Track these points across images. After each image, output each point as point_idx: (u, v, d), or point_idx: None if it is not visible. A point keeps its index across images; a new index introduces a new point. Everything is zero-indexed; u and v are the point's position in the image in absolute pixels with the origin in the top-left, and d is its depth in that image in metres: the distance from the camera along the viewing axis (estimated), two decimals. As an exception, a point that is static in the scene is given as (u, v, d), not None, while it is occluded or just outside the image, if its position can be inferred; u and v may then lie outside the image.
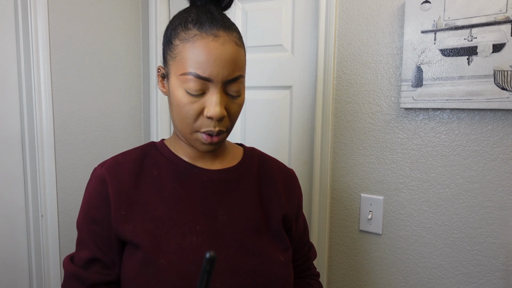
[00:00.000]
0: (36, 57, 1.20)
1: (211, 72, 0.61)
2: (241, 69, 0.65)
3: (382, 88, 1.13)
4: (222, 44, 0.62)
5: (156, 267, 0.61)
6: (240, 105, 0.67)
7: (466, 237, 1.04)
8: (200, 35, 0.62)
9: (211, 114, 0.62)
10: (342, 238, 1.22)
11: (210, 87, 0.63)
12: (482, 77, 0.95)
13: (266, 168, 0.78)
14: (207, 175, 0.71)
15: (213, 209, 0.68)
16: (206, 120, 0.64)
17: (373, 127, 1.15)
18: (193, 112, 0.63)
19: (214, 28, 0.63)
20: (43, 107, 1.23)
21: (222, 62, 0.62)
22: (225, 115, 0.64)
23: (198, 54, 0.61)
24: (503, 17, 0.92)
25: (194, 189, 0.69)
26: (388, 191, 1.14)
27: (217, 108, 0.62)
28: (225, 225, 0.67)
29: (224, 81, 0.63)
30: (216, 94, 0.62)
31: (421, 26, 1.02)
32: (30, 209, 1.25)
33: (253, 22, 1.36)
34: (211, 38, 0.62)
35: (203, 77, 0.61)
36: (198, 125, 0.64)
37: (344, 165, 1.20)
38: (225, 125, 0.66)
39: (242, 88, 0.67)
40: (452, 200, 1.05)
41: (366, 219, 1.17)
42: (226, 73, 0.62)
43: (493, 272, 1.01)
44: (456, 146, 1.03)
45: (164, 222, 0.65)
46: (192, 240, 0.64)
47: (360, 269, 1.20)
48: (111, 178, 0.67)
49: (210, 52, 0.61)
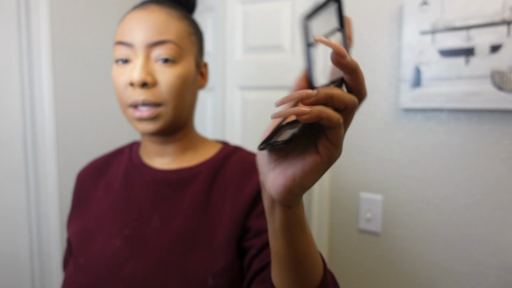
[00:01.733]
0: (38, 57, 1.21)
1: (131, 36, 0.59)
2: (173, 36, 0.60)
3: (380, 89, 1.14)
4: (148, 12, 0.60)
5: (76, 266, 0.60)
6: (176, 75, 0.59)
7: (464, 236, 1.05)
8: (132, 11, 0.61)
9: (131, 79, 0.57)
10: (341, 237, 1.23)
11: (134, 54, 0.59)
12: (479, 77, 0.96)
13: (228, 169, 0.65)
14: (152, 175, 0.65)
15: (148, 213, 0.62)
16: (131, 90, 0.59)
17: (372, 127, 1.16)
18: (121, 83, 0.60)
19: (148, 3, 0.62)
20: (45, 107, 1.23)
21: (145, 26, 0.59)
22: (148, 81, 0.58)
23: (125, 24, 0.60)
24: (500, 18, 0.92)
25: (135, 189, 0.64)
26: (387, 190, 1.15)
27: (135, 71, 0.57)
28: (155, 232, 0.60)
29: (146, 44, 0.59)
30: (138, 59, 0.59)
31: (419, 27, 1.02)
32: (32, 209, 1.26)
33: (253, 22, 1.37)
34: (140, 9, 0.61)
35: (123, 42, 0.59)
36: (126, 97, 0.60)
37: (343, 164, 1.21)
38: (156, 96, 0.59)
39: (178, 57, 0.60)
40: (450, 200, 1.06)
41: (365, 218, 1.18)
42: (149, 36, 0.58)
43: (491, 271, 1.02)
44: (454, 146, 1.04)
45: (99, 221, 0.64)
46: (115, 243, 0.60)
47: (359, 268, 1.21)
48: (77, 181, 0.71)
49: (132, 18, 0.60)
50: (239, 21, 1.40)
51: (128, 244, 0.60)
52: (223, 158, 0.67)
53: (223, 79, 1.45)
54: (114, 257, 0.59)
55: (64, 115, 1.31)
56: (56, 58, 1.28)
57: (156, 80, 0.59)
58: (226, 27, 1.42)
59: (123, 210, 0.63)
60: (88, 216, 0.65)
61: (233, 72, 1.42)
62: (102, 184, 0.68)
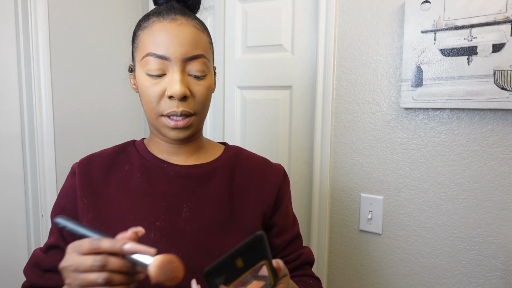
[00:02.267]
0: (36, 56, 1.20)
1: (167, 50, 0.62)
2: (203, 50, 0.65)
3: (382, 88, 1.13)
4: (179, 25, 0.63)
5: None
6: (206, 87, 0.66)
7: (466, 236, 1.04)
8: (158, 21, 0.64)
9: (172, 92, 0.62)
10: (342, 238, 1.22)
11: (170, 67, 0.63)
12: (482, 77, 0.95)
13: (243, 165, 0.74)
14: (175, 170, 0.69)
15: (177, 205, 0.66)
16: (168, 101, 0.63)
17: (373, 127, 1.15)
18: (155, 95, 0.63)
19: (171, 14, 0.65)
20: (43, 107, 1.23)
21: (179, 41, 0.62)
22: (187, 94, 0.63)
23: (155, 35, 0.63)
24: (503, 17, 0.92)
25: (160, 185, 0.68)
26: (388, 191, 1.14)
27: (176, 85, 0.61)
28: (187, 223, 0.65)
29: (182, 59, 0.63)
30: (176, 73, 0.62)
31: (421, 26, 1.02)
32: (30, 208, 1.25)
33: (253, 22, 1.36)
34: (168, 21, 0.63)
35: (159, 55, 0.62)
36: (162, 108, 0.64)
37: (344, 165, 1.20)
38: (191, 107, 0.64)
39: (207, 70, 0.66)
40: (452, 200, 1.05)
41: (366, 219, 1.17)
42: (184, 51, 0.62)
43: (493, 272, 1.01)
44: (456, 146, 1.04)
45: (125, 215, 0.65)
46: (150, 236, 0.63)
47: (360, 269, 1.20)
48: (80, 170, 0.70)
49: (166, 32, 0.62)
50: (239, 20, 1.39)
51: (163, 235, 0.63)
52: (234, 156, 0.75)
53: (223, 78, 1.45)
54: None
55: (62, 114, 1.30)
56: (54, 58, 1.27)
57: (191, 92, 0.64)
58: (226, 26, 1.41)
59: (149, 204, 0.66)
60: (108, 212, 0.66)
61: (233, 71, 1.41)
62: (114, 182, 0.69)
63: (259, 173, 0.74)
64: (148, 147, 0.73)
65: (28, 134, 1.23)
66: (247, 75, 1.39)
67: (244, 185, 0.71)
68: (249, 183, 0.72)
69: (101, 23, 1.42)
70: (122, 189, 0.68)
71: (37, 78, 1.21)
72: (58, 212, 0.68)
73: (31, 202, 1.25)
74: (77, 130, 1.36)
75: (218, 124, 1.47)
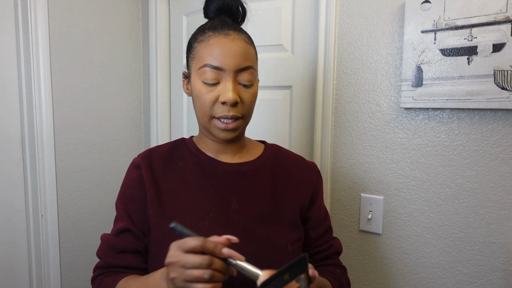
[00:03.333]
0: (36, 57, 1.20)
1: (222, 62, 0.71)
2: (251, 62, 0.74)
3: (382, 88, 1.13)
4: (232, 40, 0.72)
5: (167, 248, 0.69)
6: (252, 94, 0.75)
7: (466, 237, 1.04)
8: (213, 35, 0.73)
9: (225, 99, 0.70)
10: (342, 238, 1.22)
11: (223, 77, 0.72)
12: (482, 76, 0.95)
13: (283, 162, 0.84)
14: (224, 167, 0.78)
15: (227, 198, 0.75)
16: (221, 106, 0.72)
17: (373, 127, 1.15)
18: (210, 100, 0.72)
19: (225, 29, 0.73)
20: (43, 107, 1.23)
21: (232, 54, 0.71)
22: (238, 101, 0.72)
23: (212, 49, 0.72)
24: (503, 17, 0.92)
25: (212, 180, 0.77)
26: (388, 191, 1.14)
27: (229, 93, 0.70)
28: (236, 214, 0.74)
29: (235, 70, 0.72)
30: (229, 82, 0.71)
31: (421, 26, 1.02)
32: (30, 209, 1.25)
33: (253, 22, 1.36)
34: (223, 36, 0.72)
35: (216, 66, 0.71)
36: (215, 111, 0.73)
37: (344, 165, 1.20)
38: (240, 111, 0.73)
39: (254, 79, 0.75)
40: (452, 200, 1.05)
41: (366, 219, 1.17)
42: (237, 63, 0.71)
43: (493, 272, 1.01)
44: (456, 146, 1.03)
45: (182, 207, 0.74)
46: (205, 225, 0.72)
47: (360, 269, 1.20)
48: (144, 164, 0.78)
49: (221, 46, 0.71)
50: (239, 20, 1.39)
51: (216, 224, 0.72)
52: (274, 154, 0.84)
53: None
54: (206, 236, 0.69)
55: (62, 115, 1.30)
56: (54, 58, 1.27)
57: (241, 99, 0.73)
58: (226, 26, 1.41)
59: (203, 197, 0.75)
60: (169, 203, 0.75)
61: (233, 72, 1.41)
62: (171, 176, 0.77)
63: (297, 170, 0.83)
64: (198, 145, 0.82)
65: (28, 134, 1.22)
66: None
67: (284, 180, 0.81)
68: (288, 179, 0.81)
69: (101, 23, 1.42)
70: (178, 183, 0.77)
71: (37, 78, 1.21)
72: (127, 202, 0.78)
73: (31, 203, 1.25)
74: (77, 130, 1.36)
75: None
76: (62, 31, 1.29)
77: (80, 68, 1.35)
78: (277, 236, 0.75)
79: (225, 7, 0.79)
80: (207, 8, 0.81)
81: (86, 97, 1.38)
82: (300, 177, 0.83)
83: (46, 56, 1.22)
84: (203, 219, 0.73)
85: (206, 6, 0.81)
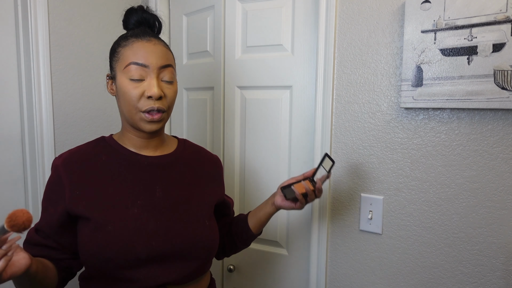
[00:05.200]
0: (36, 57, 1.20)
1: (146, 60, 0.80)
2: (172, 62, 0.86)
3: (382, 88, 1.13)
4: (154, 44, 0.83)
5: (105, 233, 0.78)
6: (174, 91, 0.86)
7: (466, 236, 1.04)
8: (136, 40, 0.82)
9: (151, 93, 0.80)
10: (342, 238, 1.22)
11: (148, 74, 0.81)
12: (482, 76, 0.95)
13: (197, 155, 0.98)
14: (148, 161, 0.88)
15: (152, 187, 0.85)
16: (147, 100, 0.81)
17: (373, 127, 1.15)
18: (136, 95, 0.80)
19: (146, 35, 0.84)
20: (43, 107, 1.23)
21: (155, 54, 0.82)
22: (162, 95, 0.82)
23: (135, 51, 0.81)
24: (503, 17, 0.92)
25: (136, 172, 0.86)
26: (388, 191, 1.14)
27: (155, 88, 0.80)
28: (161, 200, 0.85)
29: (158, 67, 0.81)
30: (153, 79, 0.81)
31: (421, 26, 1.02)
32: (30, 208, 1.25)
33: (253, 22, 1.36)
34: (145, 41, 0.82)
35: (141, 63, 0.80)
36: (141, 105, 0.81)
37: (344, 165, 1.20)
38: (164, 105, 0.83)
39: (174, 77, 0.86)
40: (452, 200, 1.05)
41: (366, 218, 1.17)
42: (160, 61, 0.82)
43: (493, 272, 1.01)
44: (456, 145, 1.03)
45: (111, 198, 0.82)
46: (134, 211, 0.81)
47: (360, 269, 1.20)
48: (65, 166, 0.83)
49: (144, 48, 0.81)
50: (239, 20, 1.39)
51: (144, 210, 0.82)
52: (188, 147, 0.98)
53: (223, 78, 1.45)
54: (137, 220, 0.80)
55: (62, 115, 1.30)
56: (54, 58, 1.27)
57: (164, 94, 0.83)
58: (226, 26, 1.41)
59: (131, 187, 0.84)
60: (98, 197, 0.81)
61: (233, 71, 1.41)
62: (96, 172, 0.84)
63: (206, 160, 1.00)
64: (120, 142, 0.89)
65: (28, 134, 1.23)
66: (247, 75, 1.39)
67: (197, 169, 0.95)
68: (204, 170, 0.97)
69: (101, 23, 1.42)
70: (103, 177, 0.84)
71: (37, 78, 1.21)
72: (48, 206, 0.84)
73: (31, 202, 1.25)
74: (77, 130, 1.36)
75: (218, 124, 1.47)
76: (62, 31, 1.29)
77: (80, 68, 1.35)
78: (196, 215, 0.87)
79: (143, 20, 0.89)
80: (126, 20, 0.90)
81: (86, 97, 1.38)
82: (212, 169, 0.99)
83: (46, 56, 1.22)
84: (132, 207, 0.81)
85: (125, 19, 0.90)
